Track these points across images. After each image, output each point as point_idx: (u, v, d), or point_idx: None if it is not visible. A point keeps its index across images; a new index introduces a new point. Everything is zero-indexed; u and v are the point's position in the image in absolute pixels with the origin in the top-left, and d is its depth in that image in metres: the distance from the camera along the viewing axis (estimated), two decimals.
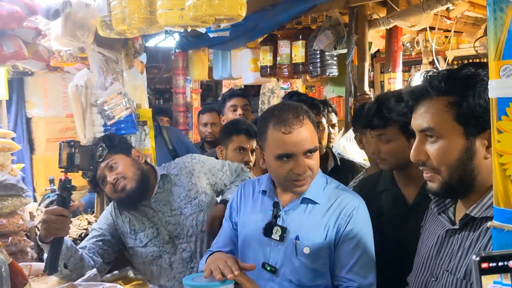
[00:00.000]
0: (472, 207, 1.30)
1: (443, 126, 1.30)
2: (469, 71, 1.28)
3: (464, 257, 1.30)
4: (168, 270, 2.39)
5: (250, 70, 4.96)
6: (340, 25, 3.94)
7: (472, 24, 4.63)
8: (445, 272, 1.36)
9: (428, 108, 1.33)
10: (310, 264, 1.79)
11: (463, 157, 1.29)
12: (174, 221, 2.38)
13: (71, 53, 3.03)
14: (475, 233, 1.30)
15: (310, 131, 1.80)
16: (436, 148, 1.32)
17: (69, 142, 2.03)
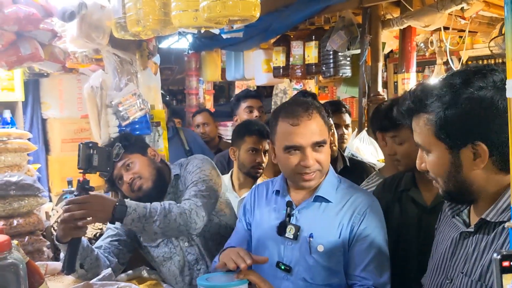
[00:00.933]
0: (487, 212, 1.30)
1: (428, 142, 1.35)
2: (444, 87, 1.29)
3: (480, 259, 1.30)
4: (176, 272, 2.41)
5: (263, 71, 4.97)
6: (354, 26, 3.93)
7: (487, 24, 4.59)
8: (459, 274, 1.35)
9: (416, 125, 1.38)
10: (324, 262, 1.80)
11: (451, 169, 1.33)
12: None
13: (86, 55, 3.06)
14: (489, 235, 1.30)
15: (319, 125, 1.82)
16: (428, 161, 1.38)
17: (87, 144, 2.04)
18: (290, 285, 1.84)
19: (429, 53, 5.54)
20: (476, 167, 1.29)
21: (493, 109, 1.23)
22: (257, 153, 3.00)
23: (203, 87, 6.15)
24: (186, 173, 2.41)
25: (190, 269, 2.40)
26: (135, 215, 2.02)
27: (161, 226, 2.06)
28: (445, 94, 1.28)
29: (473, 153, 1.28)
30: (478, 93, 1.24)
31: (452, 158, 1.31)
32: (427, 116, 1.32)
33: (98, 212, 2.00)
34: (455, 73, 1.33)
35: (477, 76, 1.27)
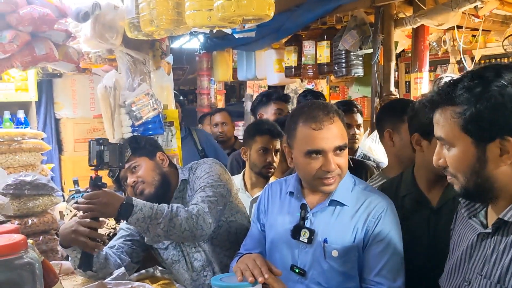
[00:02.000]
0: (505, 211, 1.28)
1: (452, 135, 1.31)
2: (474, 80, 1.26)
3: (499, 261, 1.28)
4: (185, 275, 2.40)
5: (275, 70, 4.96)
6: (366, 25, 3.91)
7: (500, 23, 4.54)
8: (478, 276, 1.33)
9: (439, 117, 1.34)
10: (338, 267, 1.78)
11: (475, 165, 1.29)
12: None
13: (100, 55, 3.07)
14: (508, 237, 1.28)
15: (340, 129, 1.79)
16: (449, 156, 1.34)
17: (98, 140, 2.05)
18: None
19: (441, 52, 5.50)
20: (502, 163, 1.26)
21: None
22: (268, 152, 2.99)
23: (215, 87, 6.16)
24: (195, 178, 2.38)
25: (198, 275, 2.39)
26: (141, 214, 2.01)
27: (164, 229, 2.04)
28: (476, 87, 1.25)
29: (500, 149, 1.25)
30: (510, 87, 1.22)
31: (478, 153, 1.28)
32: (454, 108, 1.29)
33: (105, 207, 2.00)
34: (485, 66, 1.30)
35: (509, 70, 1.25)
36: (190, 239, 2.17)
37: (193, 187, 2.36)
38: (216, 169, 2.38)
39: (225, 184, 2.35)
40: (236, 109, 6.73)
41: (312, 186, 1.86)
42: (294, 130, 1.83)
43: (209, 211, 2.16)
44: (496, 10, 4.12)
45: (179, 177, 2.45)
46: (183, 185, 2.43)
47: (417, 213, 2.03)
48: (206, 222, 2.12)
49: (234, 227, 2.42)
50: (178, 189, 2.42)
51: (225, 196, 2.32)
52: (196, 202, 2.19)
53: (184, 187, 2.43)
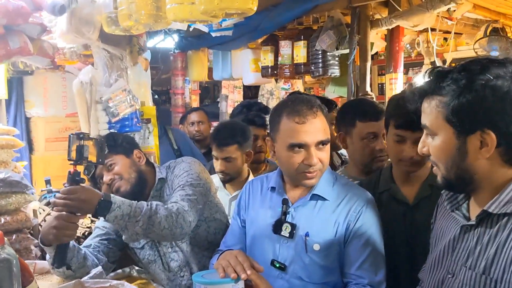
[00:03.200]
0: (489, 203, 1.30)
1: (436, 124, 1.33)
2: (461, 72, 1.29)
3: (484, 253, 1.29)
4: (161, 276, 2.37)
5: (251, 70, 4.97)
6: (342, 25, 3.95)
7: (472, 26, 4.65)
8: (462, 268, 1.35)
9: (426, 106, 1.36)
10: (320, 261, 1.78)
11: (456, 156, 1.32)
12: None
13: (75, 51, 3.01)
14: (492, 229, 1.29)
15: (323, 124, 1.80)
16: (432, 145, 1.37)
17: (78, 135, 1.99)
18: (285, 284, 1.82)
19: (414, 54, 5.59)
20: (481, 156, 1.28)
21: (508, 99, 1.23)
22: (217, 160, 2.96)
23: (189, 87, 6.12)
24: (173, 176, 2.35)
25: (174, 275, 2.36)
26: (119, 212, 1.97)
27: (143, 227, 2.00)
28: (462, 78, 1.27)
29: (480, 141, 1.27)
30: (495, 81, 1.24)
31: (459, 144, 1.30)
32: (441, 98, 1.31)
33: (82, 203, 1.95)
34: (474, 60, 1.32)
35: (496, 65, 1.27)
36: (169, 238, 2.13)
37: (172, 186, 2.33)
38: (195, 168, 2.35)
39: (204, 183, 2.32)
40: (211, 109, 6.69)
41: (294, 179, 1.86)
42: (277, 123, 1.83)
43: (189, 209, 2.13)
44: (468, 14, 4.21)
45: (156, 176, 2.41)
46: (160, 184, 2.40)
47: (393, 209, 2.05)
48: (186, 220, 2.09)
49: (213, 226, 2.40)
50: (155, 188, 2.38)
51: (205, 195, 2.30)
52: (176, 201, 2.16)
53: (161, 186, 2.40)
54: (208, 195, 2.35)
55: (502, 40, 4.37)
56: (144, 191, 2.36)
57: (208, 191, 2.35)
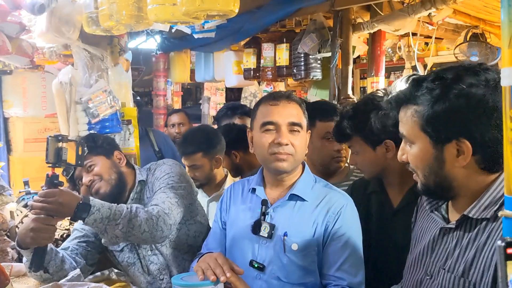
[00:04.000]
0: (469, 208, 1.30)
1: (413, 133, 1.34)
2: (435, 81, 1.29)
3: (463, 256, 1.30)
4: (141, 279, 2.35)
5: (233, 72, 4.95)
6: (325, 29, 3.97)
7: (452, 31, 4.71)
8: (441, 270, 1.35)
9: (403, 115, 1.37)
10: (298, 261, 1.78)
11: (433, 164, 1.32)
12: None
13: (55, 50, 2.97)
14: (471, 232, 1.30)
15: (297, 110, 1.86)
16: (410, 153, 1.37)
17: (56, 137, 1.97)
18: (263, 285, 1.81)
19: (396, 58, 5.64)
20: (458, 164, 1.29)
21: (481, 108, 1.23)
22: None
23: (171, 88, 6.08)
24: (154, 179, 2.33)
25: (154, 278, 2.33)
26: (98, 215, 1.95)
27: (123, 230, 1.99)
28: (435, 88, 1.28)
29: (457, 150, 1.28)
30: (468, 90, 1.24)
31: (436, 152, 1.31)
32: (416, 107, 1.32)
33: (61, 207, 1.93)
34: (448, 68, 1.33)
35: (469, 73, 1.27)
36: (150, 241, 2.11)
37: (152, 188, 2.31)
38: (176, 170, 2.34)
39: (185, 185, 2.31)
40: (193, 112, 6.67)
41: (267, 164, 1.88)
42: (255, 111, 1.92)
43: (170, 212, 2.12)
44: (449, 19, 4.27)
45: (136, 178, 2.39)
46: (140, 186, 2.37)
47: (379, 212, 2.07)
48: (167, 223, 2.08)
49: (193, 230, 2.38)
50: (135, 190, 2.36)
51: (186, 198, 2.28)
52: (156, 203, 2.14)
53: (141, 188, 2.37)
54: (189, 197, 2.33)
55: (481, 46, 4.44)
56: (124, 193, 2.33)
57: (189, 194, 2.33)
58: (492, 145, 1.24)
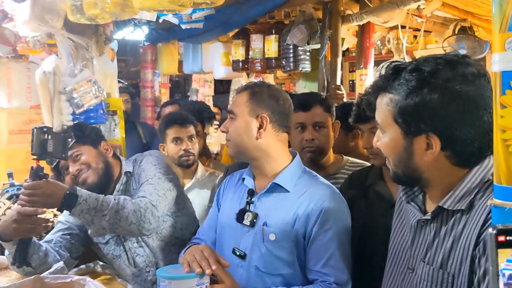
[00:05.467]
0: (444, 200, 1.29)
1: (386, 122, 1.32)
2: (413, 72, 1.26)
3: (440, 247, 1.29)
4: (127, 271, 2.32)
5: (222, 64, 4.91)
6: (314, 20, 3.94)
7: (441, 24, 4.72)
8: (421, 263, 1.34)
9: (379, 102, 1.35)
10: (275, 251, 1.77)
11: (403, 154, 1.31)
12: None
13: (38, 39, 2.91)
14: (448, 223, 1.29)
15: (238, 100, 1.90)
16: (382, 142, 1.36)
17: (41, 128, 1.94)
18: (244, 272, 1.81)
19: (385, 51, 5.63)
20: (426, 157, 1.27)
21: (454, 105, 1.21)
22: (181, 141, 3.01)
23: (159, 80, 6.03)
24: (140, 170, 2.30)
25: (140, 270, 2.31)
26: (85, 206, 1.93)
27: (110, 222, 1.97)
28: (412, 79, 1.25)
29: (426, 143, 1.26)
30: (443, 85, 1.22)
31: (405, 144, 1.29)
32: (391, 96, 1.29)
33: (47, 198, 1.91)
34: (428, 58, 1.29)
35: (447, 67, 1.24)
36: (137, 233, 2.09)
37: (139, 180, 2.28)
38: (163, 162, 2.31)
39: (172, 177, 2.29)
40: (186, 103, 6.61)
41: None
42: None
43: (157, 204, 2.10)
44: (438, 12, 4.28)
45: (122, 169, 2.36)
46: (126, 178, 2.35)
47: (377, 205, 2.04)
48: (154, 215, 2.06)
49: (179, 222, 2.36)
50: (121, 181, 2.33)
51: (173, 190, 2.26)
52: (144, 195, 2.12)
53: (127, 179, 2.35)
54: (176, 189, 2.31)
55: (469, 39, 4.45)
56: (110, 184, 2.31)
57: (176, 186, 2.31)
58: (462, 143, 1.23)
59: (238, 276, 1.76)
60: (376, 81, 1.37)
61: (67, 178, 2.24)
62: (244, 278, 1.80)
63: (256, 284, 1.79)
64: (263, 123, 1.83)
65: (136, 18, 4.31)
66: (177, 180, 2.34)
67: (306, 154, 2.34)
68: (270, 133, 1.85)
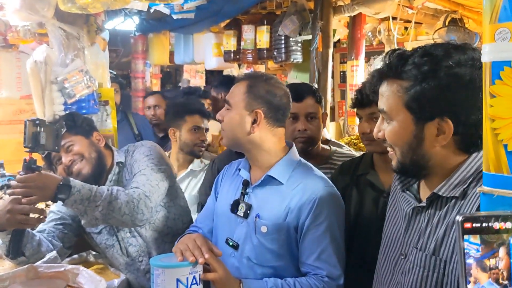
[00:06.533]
0: (439, 186, 1.31)
1: (394, 109, 1.31)
2: (424, 57, 1.26)
3: (433, 234, 1.31)
4: (120, 260, 2.33)
5: (213, 54, 4.91)
6: (305, 11, 3.94)
7: (431, 16, 4.74)
8: (413, 249, 1.36)
9: (385, 90, 1.34)
10: (267, 243, 1.77)
11: (412, 141, 1.30)
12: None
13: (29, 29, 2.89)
14: (442, 210, 1.31)
15: (234, 91, 1.89)
16: (388, 130, 1.35)
17: (34, 121, 1.93)
18: (235, 263, 1.83)
19: (376, 43, 5.65)
20: (437, 143, 1.28)
21: (470, 88, 1.21)
22: (200, 131, 3.08)
23: (150, 71, 6.01)
24: (133, 161, 2.30)
25: (133, 260, 2.32)
26: (79, 196, 1.93)
27: (103, 212, 1.97)
28: (424, 64, 1.25)
29: (437, 129, 1.27)
30: (457, 69, 1.23)
31: (416, 130, 1.29)
32: (401, 83, 1.29)
33: (41, 190, 1.91)
34: (436, 44, 1.30)
35: (457, 51, 1.25)
36: (130, 224, 2.10)
37: (131, 171, 2.28)
38: (155, 152, 2.31)
39: (165, 168, 2.29)
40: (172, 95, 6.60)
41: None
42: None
43: (150, 195, 2.10)
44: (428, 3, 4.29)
45: (114, 159, 2.36)
46: (118, 168, 2.35)
47: (368, 194, 2.06)
48: (148, 206, 2.07)
49: (173, 212, 2.37)
50: (113, 172, 2.33)
51: (165, 180, 2.26)
52: (137, 186, 2.12)
53: (120, 170, 2.35)
54: (169, 180, 2.31)
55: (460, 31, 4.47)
56: (103, 174, 2.30)
57: (169, 176, 2.31)
58: (474, 127, 1.22)
59: (230, 266, 1.77)
60: (379, 69, 1.36)
61: (59, 169, 2.24)
62: (236, 268, 1.81)
63: (247, 274, 1.79)
64: (257, 118, 1.81)
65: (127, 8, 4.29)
66: (170, 170, 2.35)
67: (298, 144, 2.35)
68: (264, 128, 1.83)
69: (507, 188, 0.86)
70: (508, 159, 0.85)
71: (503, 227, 0.87)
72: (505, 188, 0.86)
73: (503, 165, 0.87)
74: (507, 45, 0.81)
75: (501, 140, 0.85)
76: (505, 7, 0.80)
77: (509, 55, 0.81)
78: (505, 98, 0.83)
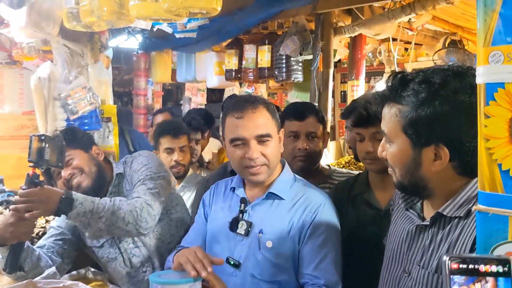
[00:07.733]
0: (444, 206, 1.32)
1: (394, 132, 1.34)
2: (422, 84, 1.29)
3: (436, 252, 1.32)
4: (122, 273, 2.33)
5: (215, 73, 4.95)
6: (306, 31, 3.99)
7: (431, 37, 4.79)
8: (416, 267, 1.37)
9: (386, 113, 1.37)
10: (272, 258, 1.79)
11: (410, 165, 1.33)
12: None
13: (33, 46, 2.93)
14: (445, 229, 1.33)
15: (264, 118, 1.84)
16: (389, 151, 1.38)
17: (39, 136, 1.96)
18: (238, 281, 1.82)
19: (376, 63, 5.70)
20: (434, 168, 1.30)
21: (465, 116, 1.23)
22: (172, 152, 3.05)
23: (152, 88, 6.05)
24: (132, 171, 2.32)
25: (136, 271, 2.32)
26: (81, 209, 1.94)
27: (107, 223, 1.98)
28: (422, 91, 1.28)
29: (435, 154, 1.29)
30: (454, 97, 1.25)
31: (414, 154, 1.32)
32: (400, 107, 1.32)
33: (44, 204, 1.92)
34: (436, 70, 1.32)
35: (456, 79, 1.27)
36: (135, 233, 2.10)
37: (131, 181, 2.30)
38: (153, 161, 2.34)
39: (164, 175, 2.31)
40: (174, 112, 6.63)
41: (243, 176, 1.91)
42: (224, 121, 1.91)
43: (153, 203, 2.12)
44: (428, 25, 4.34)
45: (113, 171, 2.38)
46: (118, 180, 2.37)
47: (365, 213, 2.07)
48: (151, 214, 2.09)
49: (174, 219, 2.39)
50: (113, 183, 2.35)
51: (166, 188, 2.28)
52: (138, 195, 2.14)
53: (119, 181, 2.37)
54: (169, 188, 2.34)
55: (459, 52, 4.52)
56: (103, 187, 2.32)
57: (169, 184, 2.34)
58: (470, 154, 1.24)
59: (232, 285, 1.77)
60: (383, 91, 1.39)
61: (59, 183, 2.25)
62: (240, 286, 1.81)
63: None
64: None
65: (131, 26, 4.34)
66: (169, 177, 2.37)
67: (298, 163, 2.37)
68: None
69: (502, 207, 0.87)
70: (502, 178, 0.87)
71: (488, 270, 0.87)
72: (500, 206, 0.87)
73: (497, 184, 0.88)
74: (501, 68, 0.84)
75: (496, 159, 0.87)
76: (499, 31, 0.82)
77: (502, 77, 0.84)
78: (499, 118, 0.85)
